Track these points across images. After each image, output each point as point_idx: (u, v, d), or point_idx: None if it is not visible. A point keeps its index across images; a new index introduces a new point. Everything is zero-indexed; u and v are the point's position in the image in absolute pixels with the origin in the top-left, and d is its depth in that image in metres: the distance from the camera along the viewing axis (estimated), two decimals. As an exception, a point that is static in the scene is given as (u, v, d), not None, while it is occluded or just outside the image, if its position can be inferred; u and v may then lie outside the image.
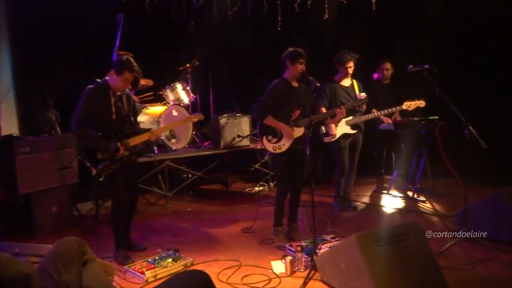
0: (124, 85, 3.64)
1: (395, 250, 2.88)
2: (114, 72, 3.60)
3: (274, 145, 3.99)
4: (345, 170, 5.01)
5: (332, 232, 4.12)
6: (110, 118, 3.63)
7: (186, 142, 6.14)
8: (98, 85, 3.63)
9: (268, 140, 4.01)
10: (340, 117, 4.28)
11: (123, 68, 3.56)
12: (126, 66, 3.56)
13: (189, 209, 5.51)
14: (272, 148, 4.00)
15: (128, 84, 3.65)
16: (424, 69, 4.05)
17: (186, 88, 6.37)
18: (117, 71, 3.57)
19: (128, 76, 3.58)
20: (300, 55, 3.90)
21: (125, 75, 3.57)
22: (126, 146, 3.67)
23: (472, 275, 3.28)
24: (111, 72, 3.62)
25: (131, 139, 3.72)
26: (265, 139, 4.03)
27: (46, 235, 4.40)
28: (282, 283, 3.25)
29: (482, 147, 3.65)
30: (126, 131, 3.72)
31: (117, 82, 3.61)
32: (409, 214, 5.00)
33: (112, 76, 3.62)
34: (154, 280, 3.32)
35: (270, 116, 3.96)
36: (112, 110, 3.63)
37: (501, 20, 5.79)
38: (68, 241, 1.99)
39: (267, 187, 6.41)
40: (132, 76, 3.59)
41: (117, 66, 3.58)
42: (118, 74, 3.58)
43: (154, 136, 3.89)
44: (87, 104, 3.54)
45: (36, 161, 4.44)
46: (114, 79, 3.61)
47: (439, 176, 5.59)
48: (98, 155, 3.58)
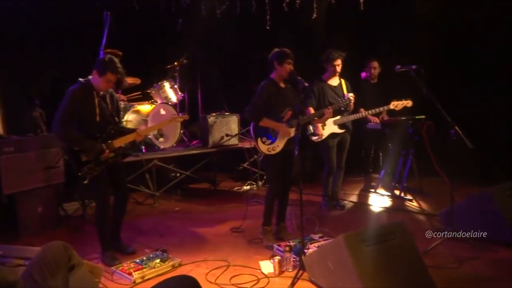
0: (107, 86, 3.56)
1: (382, 250, 2.90)
2: (97, 73, 3.50)
3: (269, 147, 3.99)
4: (333, 169, 5.03)
5: (320, 231, 4.14)
6: (94, 119, 3.54)
7: (174, 141, 6.11)
8: (81, 85, 3.53)
9: (262, 142, 4.00)
10: (327, 117, 4.31)
11: (105, 68, 3.46)
12: (108, 67, 3.47)
13: (177, 209, 5.49)
14: (267, 150, 4.00)
15: (111, 85, 3.57)
16: (412, 69, 4.09)
17: (174, 87, 6.33)
18: (100, 72, 3.48)
19: (111, 77, 3.49)
20: (287, 55, 3.89)
21: (107, 76, 3.48)
22: (111, 147, 3.60)
23: (458, 274, 3.32)
24: (93, 72, 3.53)
25: (116, 140, 3.65)
26: (259, 141, 4.01)
27: (32, 235, 4.35)
28: (270, 283, 3.25)
29: (468, 147, 3.69)
30: (111, 131, 3.64)
31: (100, 82, 3.52)
32: (396, 212, 5.04)
33: (94, 77, 3.53)
34: (141, 281, 3.29)
35: (265, 118, 3.96)
36: (96, 111, 3.54)
37: (487, 20, 5.85)
38: (55, 246, 1.96)
39: (256, 186, 6.41)
40: (115, 77, 3.51)
41: (100, 66, 3.48)
42: (100, 74, 3.48)
43: (140, 137, 3.81)
44: (70, 105, 3.45)
45: (21, 160, 4.37)
46: (97, 80, 3.52)
47: (426, 175, 5.65)
48: (83, 157, 3.50)
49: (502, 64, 5.82)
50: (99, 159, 3.55)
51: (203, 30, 7.01)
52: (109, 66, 3.47)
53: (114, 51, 5.84)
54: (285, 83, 4.05)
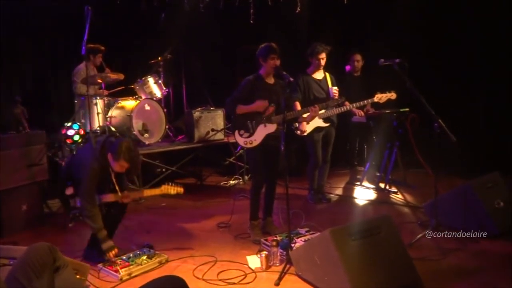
0: (120, 169, 3.54)
1: (368, 244, 2.93)
2: (111, 156, 3.48)
3: (245, 140, 4.00)
4: (319, 163, 5.06)
5: (306, 225, 4.16)
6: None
7: (160, 137, 6.06)
8: (99, 162, 3.52)
9: (240, 135, 4.02)
10: (313, 115, 4.29)
11: (119, 155, 3.44)
12: (122, 154, 3.44)
13: (164, 204, 5.46)
14: (243, 142, 4.01)
15: (124, 170, 3.55)
16: (395, 63, 4.11)
17: (159, 82, 6.28)
18: (114, 157, 3.46)
19: (123, 164, 3.48)
20: (272, 50, 3.89)
21: (121, 162, 3.46)
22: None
23: (443, 266, 3.37)
24: (108, 154, 3.50)
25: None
26: (237, 133, 4.04)
27: (16, 233, 4.30)
28: (257, 278, 3.27)
29: (452, 139, 3.74)
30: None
31: (114, 165, 3.51)
32: (382, 205, 5.10)
33: (110, 158, 3.49)
34: (128, 278, 3.28)
35: (239, 105, 3.96)
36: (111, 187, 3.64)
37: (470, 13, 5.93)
38: (40, 247, 1.93)
39: (242, 180, 6.41)
40: (127, 165, 3.50)
41: (115, 151, 3.45)
42: (114, 159, 3.47)
43: (127, 199, 3.77)
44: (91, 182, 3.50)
45: (4, 158, 4.30)
46: (112, 161, 3.50)
47: (411, 167, 5.72)
48: (68, 190, 3.59)
49: (485, 57, 5.90)
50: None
51: (187, 24, 6.95)
52: (123, 154, 3.45)
53: (96, 46, 5.77)
54: (275, 79, 4.05)
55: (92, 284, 3.16)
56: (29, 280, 1.75)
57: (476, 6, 5.84)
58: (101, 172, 3.55)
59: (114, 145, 3.50)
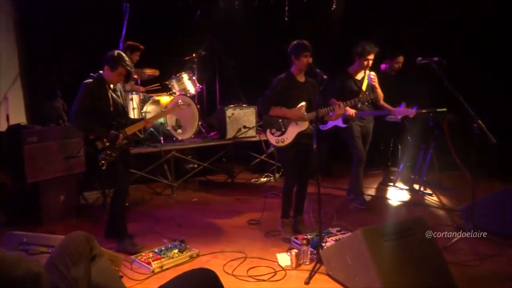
0: (118, 79, 3.80)
1: (401, 245, 2.87)
2: (108, 68, 3.72)
3: (277, 138, 3.99)
4: (363, 158, 4.84)
5: (338, 225, 4.11)
6: (108, 109, 3.77)
7: (192, 133, 6.14)
8: (94, 79, 3.74)
9: (271, 133, 4.01)
10: (338, 113, 4.07)
11: (116, 63, 3.69)
12: (119, 62, 3.69)
13: (195, 200, 5.53)
14: (275, 141, 4.00)
15: (122, 78, 3.79)
16: (433, 61, 4.00)
17: (192, 78, 6.35)
18: (111, 67, 3.71)
19: (121, 71, 3.72)
20: (304, 48, 3.84)
21: (119, 70, 3.71)
22: (124, 134, 3.81)
23: (479, 271, 3.27)
24: (105, 67, 3.74)
25: (127, 128, 3.87)
26: (268, 132, 4.03)
27: (54, 223, 4.45)
28: (287, 276, 3.26)
29: (491, 141, 3.61)
30: (122, 121, 3.87)
31: (112, 76, 3.75)
32: (416, 207, 4.98)
33: (106, 72, 3.74)
34: (160, 270, 3.34)
35: (273, 107, 3.95)
36: (110, 102, 3.77)
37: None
38: (77, 235, 1.99)
39: (273, 178, 6.40)
40: (125, 70, 3.73)
41: (111, 62, 3.70)
42: (112, 69, 3.71)
43: (149, 123, 4.05)
44: (85, 98, 3.66)
45: (43, 150, 4.46)
46: (109, 74, 3.74)
47: (446, 169, 5.56)
48: (98, 144, 3.69)
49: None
50: (114, 145, 3.73)
51: (221, 21, 7.00)
52: (120, 61, 3.70)
53: (135, 44, 5.89)
54: (305, 77, 4.02)
55: (125, 275, 3.24)
56: (66, 267, 1.81)
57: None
58: (98, 90, 3.71)
59: (107, 59, 3.71)
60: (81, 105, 3.64)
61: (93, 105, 3.68)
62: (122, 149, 3.82)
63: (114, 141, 3.71)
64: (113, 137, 3.70)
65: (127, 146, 3.94)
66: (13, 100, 5.72)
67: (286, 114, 3.95)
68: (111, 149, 3.71)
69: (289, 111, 3.94)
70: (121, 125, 3.84)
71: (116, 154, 3.74)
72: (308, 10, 6.46)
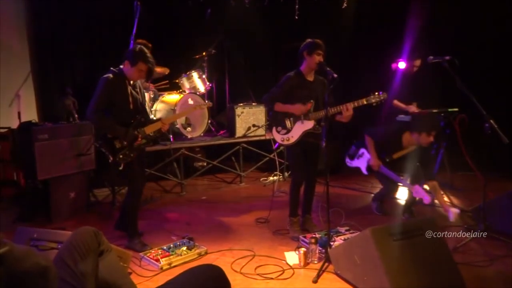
0: (138, 75, 3.62)
1: (410, 245, 2.85)
2: (128, 63, 3.56)
3: (282, 136, 3.97)
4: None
5: (346, 224, 4.10)
6: (128, 107, 3.62)
7: (202, 131, 6.16)
8: (114, 74, 3.58)
9: (277, 131, 4.00)
10: (346, 114, 3.86)
11: (137, 58, 3.53)
12: (140, 57, 3.53)
13: (204, 198, 5.54)
14: (280, 139, 3.99)
15: (143, 74, 3.63)
16: (445, 60, 3.95)
17: (202, 77, 6.36)
18: (131, 62, 3.54)
19: (142, 67, 3.56)
20: (318, 46, 3.82)
21: (139, 65, 3.54)
22: (143, 133, 3.69)
23: (489, 272, 3.23)
24: (125, 62, 3.59)
25: (146, 127, 3.74)
26: (274, 130, 4.02)
27: (64, 219, 4.50)
28: (295, 275, 3.25)
29: (504, 141, 3.57)
30: (141, 119, 3.73)
31: (132, 72, 3.58)
32: (426, 207, 4.92)
33: (126, 67, 3.59)
34: (168, 267, 3.35)
35: (278, 102, 3.93)
36: (129, 99, 3.63)
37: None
38: (85, 231, 2.00)
39: (282, 177, 6.39)
40: (146, 66, 3.56)
41: (131, 56, 3.55)
42: (132, 64, 3.54)
43: (166, 126, 3.87)
44: (104, 93, 3.50)
45: (54, 147, 4.49)
46: (129, 69, 3.58)
47: (458, 169, 5.50)
48: (117, 144, 3.57)
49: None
50: (133, 145, 3.63)
51: (231, 20, 7.00)
52: (141, 56, 3.54)
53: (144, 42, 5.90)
54: (314, 76, 3.99)
55: (134, 271, 3.26)
56: (74, 262, 1.82)
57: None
58: (117, 86, 3.55)
59: (128, 53, 3.57)
60: (99, 101, 3.48)
61: (112, 101, 3.54)
62: (140, 149, 3.71)
63: (133, 141, 3.62)
64: (132, 138, 3.61)
65: (145, 146, 3.79)
66: (24, 97, 5.78)
67: (290, 109, 3.92)
68: (130, 149, 3.60)
69: (292, 106, 3.91)
70: (140, 123, 3.70)
71: (133, 155, 3.63)
72: (318, 9, 6.44)
